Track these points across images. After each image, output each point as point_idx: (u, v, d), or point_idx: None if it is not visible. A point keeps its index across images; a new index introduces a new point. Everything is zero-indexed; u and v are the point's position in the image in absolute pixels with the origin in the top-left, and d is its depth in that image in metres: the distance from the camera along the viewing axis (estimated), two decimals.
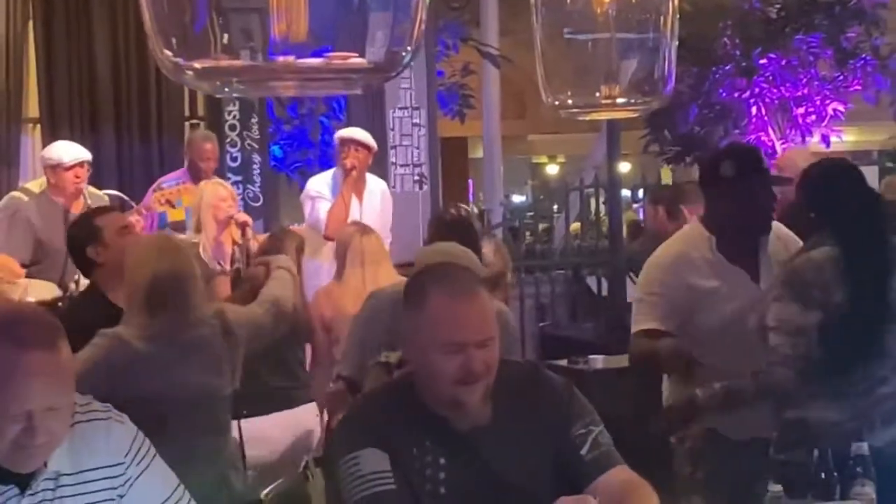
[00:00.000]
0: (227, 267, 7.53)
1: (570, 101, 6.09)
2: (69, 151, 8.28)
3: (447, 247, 5.00)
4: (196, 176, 8.77)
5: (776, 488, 3.65)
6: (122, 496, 3.10)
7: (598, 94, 5.96)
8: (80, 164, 8.23)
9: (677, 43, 5.94)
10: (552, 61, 5.92)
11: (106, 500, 3.08)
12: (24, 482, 2.98)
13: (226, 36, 3.23)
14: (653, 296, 4.93)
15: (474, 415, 3.26)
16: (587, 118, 6.70)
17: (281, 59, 3.19)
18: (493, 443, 3.27)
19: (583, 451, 3.31)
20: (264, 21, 3.21)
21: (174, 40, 3.31)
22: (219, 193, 7.84)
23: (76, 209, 8.03)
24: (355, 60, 3.25)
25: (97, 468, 3.08)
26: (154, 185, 9.14)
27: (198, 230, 7.76)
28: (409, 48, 3.33)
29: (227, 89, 3.52)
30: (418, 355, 3.26)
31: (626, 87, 6.00)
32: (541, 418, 3.34)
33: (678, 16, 5.89)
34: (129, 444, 3.15)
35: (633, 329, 4.94)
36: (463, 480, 3.25)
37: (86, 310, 5.32)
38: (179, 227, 8.37)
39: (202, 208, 7.80)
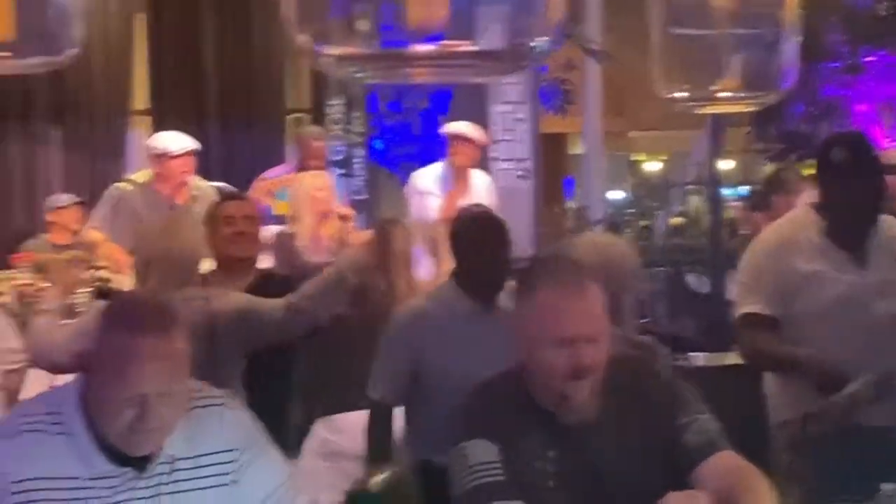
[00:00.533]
0: (323, 259, 7.53)
1: (684, 95, 6.06)
2: (176, 141, 8.33)
3: (602, 238, 4.98)
4: (301, 171, 8.81)
5: (889, 487, 3.60)
6: (235, 481, 3.14)
7: (712, 88, 5.92)
8: (188, 154, 8.29)
9: (799, 39, 5.88)
10: (667, 54, 5.88)
11: (220, 486, 3.13)
12: (140, 465, 3.03)
13: (363, 22, 3.25)
14: (756, 278, 4.89)
15: (583, 409, 3.25)
16: (701, 112, 6.66)
17: (416, 46, 3.21)
18: (602, 437, 3.27)
19: (687, 438, 3.28)
20: (399, 9, 3.22)
21: (314, 27, 3.34)
22: (316, 184, 7.86)
23: (181, 200, 8.10)
24: (489, 49, 3.26)
25: (212, 453, 3.13)
26: (260, 177, 9.22)
27: (295, 221, 7.80)
28: (540, 39, 3.33)
29: (362, 75, 3.56)
30: (527, 349, 3.25)
31: (741, 81, 5.96)
32: (649, 412, 3.32)
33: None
34: (244, 430, 3.20)
35: (738, 312, 4.90)
36: (571, 474, 3.24)
37: None
38: (284, 220, 8.44)
39: (299, 199, 7.83)
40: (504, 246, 4.83)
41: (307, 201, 7.71)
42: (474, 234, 4.86)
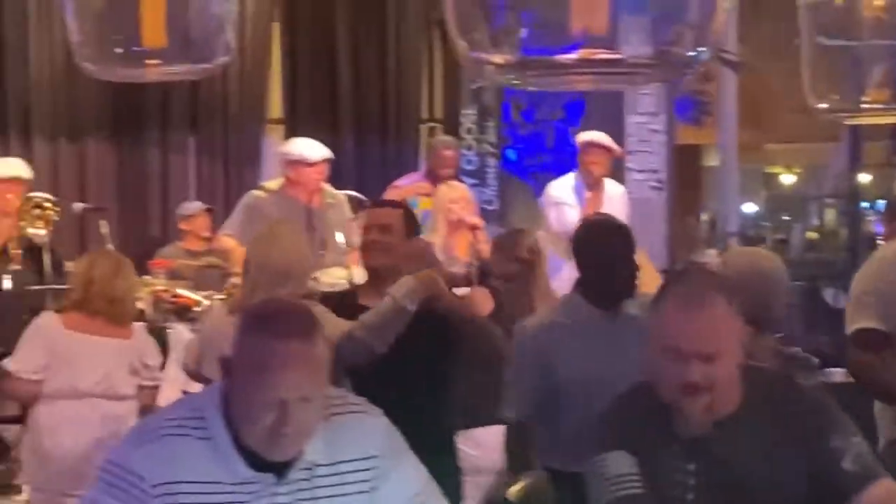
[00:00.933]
0: (457, 269, 7.53)
1: (835, 106, 5.97)
2: (313, 148, 8.36)
3: (753, 250, 4.91)
4: (434, 182, 8.82)
5: None
6: (375, 488, 3.13)
7: (860, 99, 5.82)
8: (323, 162, 8.31)
9: None
10: (815, 65, 5.80)
11: (360, 492, 3.11)
12: (280, 471, 3.03)
13: (524, 30, 3.26)
14: (870, 294, 4.78)
15: (689, 426, 3.20)
16: (850, 122, 6.57)
17: (578, 53, 3.20)
18: (742, 450, 3.22)
19: (844, 464, 3.21)
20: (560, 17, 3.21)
21: (472, 34, 3.35)
22: (450, 196, 7.89)
23: (315, 206, 8.12)
24: (651, 56, 3.25)
25: (352, 460, 3.11)
26: (391, 187, 9.24)
27: (431, 231, 7.82)
28: (698, 48, 3.31)
29: (522, 83, 3.56)
30: (651, 357, 3.23)
31: (889, 92, 5.85)
32: (794, 428, 3.25)
33: None
34: (384, 437, 3.18)
35: (849, 328, 4.80)
36: (711, 488, 3.20)
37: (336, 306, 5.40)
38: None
39: (436, 210, 7.85)
40: (628, 253, 4.75)
41: (441, 212, 7.74)
42: (597, 242, 4.77)
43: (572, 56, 3.26)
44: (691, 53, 3.39)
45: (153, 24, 5.98)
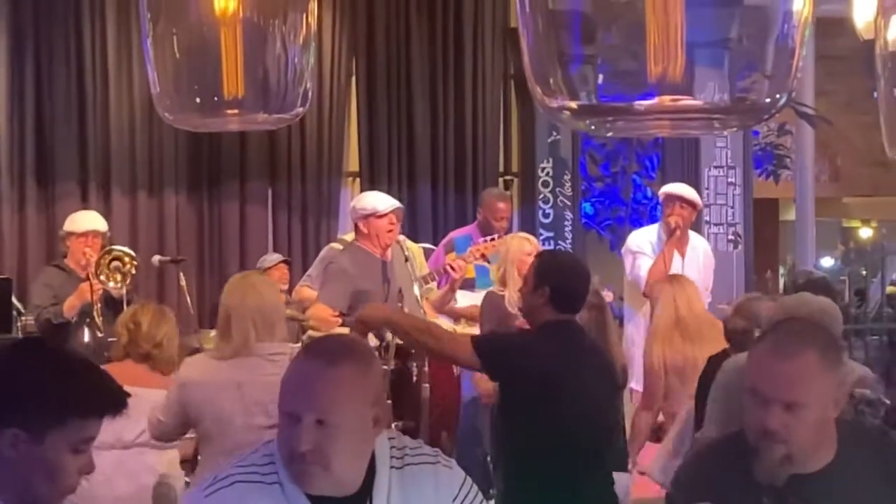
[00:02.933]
0: None
1: None
2: (382, 200, 8.33)
3: (814, 299, 4.88)
4: (485, 232, 8.81)
5: None
6: None
7: None
8: (394, 212, 8.29)
9: None
10: (893, 117, 5.77)
11: None
12: None
13: (600, 77, 3.27)
14: None
15: (765, 473, 3.15)
16: None
17: (657, 99, 3.21)
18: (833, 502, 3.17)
19: None
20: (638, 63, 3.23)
21: (550, 81, 3.37)
22: (524, 248, 7.85)
23: (387, 257, 8.11)
24: (727, 103, 3.25)
25: None
26: (445, 240, 9.23)
27: (503, 283, 7.80)
28: (776, 95, 3.31)
29: (599, 129, 3.57)
30: (742, 399, 3.20)
31: None
32: (890, 482, 3.20)
33: None
34: (458, 488, 3.17)
35: None
36: None
37: None
38: (469, 284, 8.45)
39: (507, 262, 7.83)
40: None
41: (513, 264, 7.73)
42: None
43: (648, 102, 3.27)
44: (768, 100, 3.39)
45: (231, 73, 6.03)
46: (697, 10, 3.34)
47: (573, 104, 3.35)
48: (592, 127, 3.61)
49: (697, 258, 8.67)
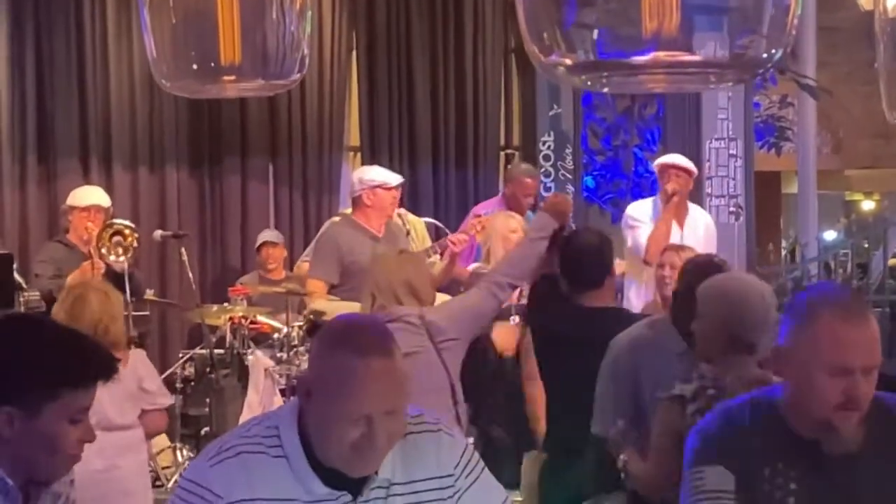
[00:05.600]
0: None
1: None
2: (390, 173, 8.30)
3: (745, 277, 4.86)
4: (512, 208, 8.81)
5: None
6: None
7: None
8: (398, 188, 8.28)
9: None
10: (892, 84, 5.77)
11: None
12: (356, 489, 3.03)
13: (594, 32, 3.27)
14: None
15: (843, 441, 3.15)
16: None
17: (651, 54, 3.21)
18: (858, 473, 3.16)
19: None
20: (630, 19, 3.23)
21: (545, 36, 3.38)
22: (509, 225, 7.86)
23: (381, 233, 8.08)
24: (723, 57, 3.25)
25: (427, 479, 3.11)
26: (471, 213, 9.25)
27: (487, 260, 7.81)
28: (771, 51, 3.31)
29: (596, 84, 3.58)
30: (798, 375, 3.15)
31: None
32: None
33: None
34: (459, 456, 3.17)
35: None
36: None
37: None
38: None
39: (492, 238, 7.84)
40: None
41: (498, 241, 7.73)
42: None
43: (644, 57, 3.27)
44: (764, 55, 3.39)
45: (228, 40, 6.03)
46: None
47: (568, 60, 3.35)
48: (588, 83, 3.62)
49: (697, 230, 8.65)
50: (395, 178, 8.17)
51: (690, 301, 4.39)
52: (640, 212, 8.72)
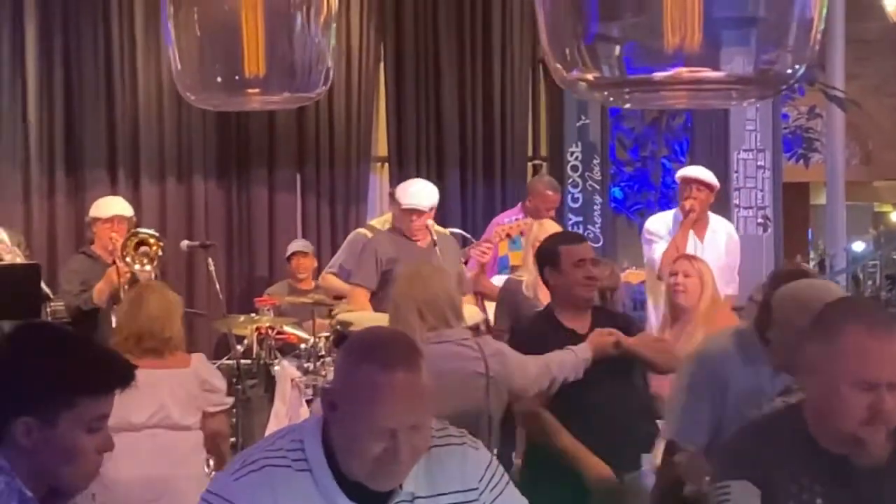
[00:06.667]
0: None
1: None
2: (424, 197, 8.21)
3: (822, 283, 4.80)
4: (534, 219, 8.80)
5: None
6: None
7: None
8: (432, 209, 8.27)
9: None
10: None
11: None
12: (380, 502, 3.02)
13: (616, 48, 3.27)
14: None
15: (870, 455, 3.13)
16: None
17: (674, 70, 3.21)
18: (886, 487, 3.13)
19: None
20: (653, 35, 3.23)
21: (567, 52, 3.37)
22: (540, 235, 7.85)
23: (422, 244, 8.10)
24: (740, 75, 3.24)
25: (451, 492, 3.10)
26: (493, 222, 9.25)
27: (522, 269, 7.80)
28: (795, 66, 3.30)
29: (618, 100, 3.57)
30: (824, 389, 3.12)
31: None
32: None
33: None
34: (484, 469, 3.17)
35: None
36: None
37: (539, 326, 5.85)
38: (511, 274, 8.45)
39: (527, 247, 7.83)
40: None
41: (530, 250, 7.72)
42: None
43: (666, 73, 3.26)
44: (787, 71, 3.38)
45: (253, 52, 6.04)
46: None
47: (590, 76, 3.35)
48: (611, 98, 3.61)
49: (718, 242, 8.59)
50: (426, 203, 8.13)
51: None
52: (658, 225, 8.69)
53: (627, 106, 4.59)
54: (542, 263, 5.91)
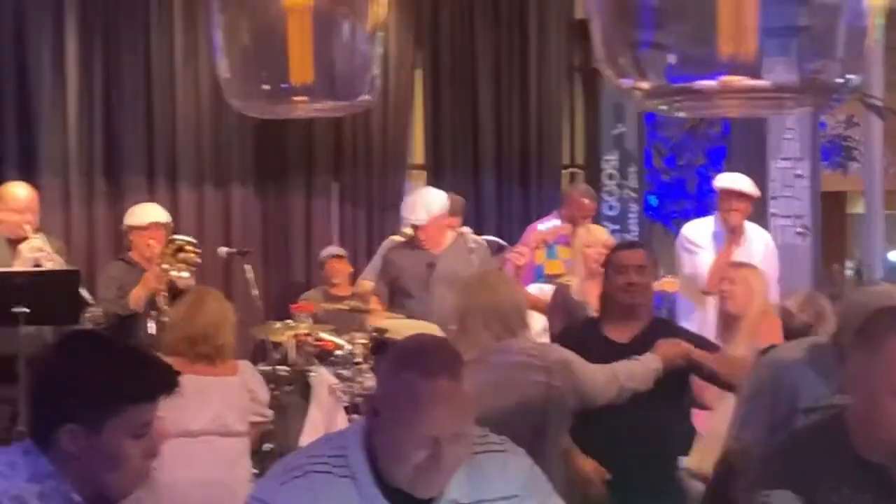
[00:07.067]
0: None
1: None
2: (435, 205, 8.33)
3: (885, 289, 4.79)
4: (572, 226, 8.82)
5: None
6: None
7: None
8: (443, 216, 8.41)
9: None
10: None
11: None
12: None
13: (669, 56, 3.27)
14: None
15: None
16: None
17: (725, 78, 3.21)
18: None
19: None
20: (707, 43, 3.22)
21: (620, 60, 3.38)
22: (587, 240, 7.86)
23: (437, 252, 8.21)
24: (797, 83, 3.23)
25: (493, 499, 3.11)
26: (529, 228, 9.26)
27: (571, 274, 7.81)
28: (846, 76, 3.29)
29: (670, 109, 3.57)
30: (866, 399, 3.13)
31: None
32: None
33: None
34: (525, 476, 3.18)
35: None
36: None
37: (579, 333, 5.93)
38: (555, 280, 8.46)
39: (574, 252, 7.85)
40: None
41: (578, 255, 7.73)
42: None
43: (717, 82, 3.26)
44: (839, 80, 3.37)
45: (300, 60, 6.05)
46: None
47: (643, 84, 3.35)
48: (663, 107, 3.61)
49: (754, 251, 8.57)
50: (424, 214, 8.24)
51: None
52: (698, 235, 8.66)
53: (679, 115, 4.59)
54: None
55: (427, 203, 8.25)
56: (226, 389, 5.94)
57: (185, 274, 8.30)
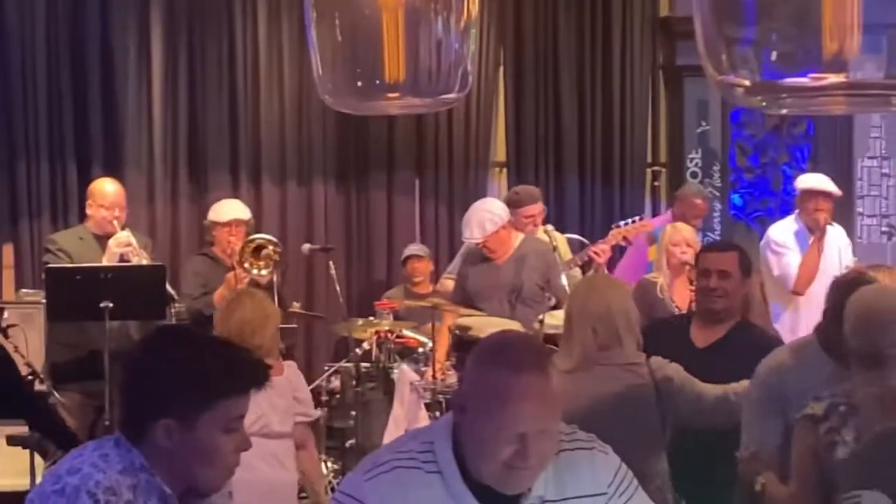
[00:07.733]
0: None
1: None
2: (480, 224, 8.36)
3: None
4: None
5: None
6: None
7: None
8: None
9: None
10: None
11: None
12: None
13: (773, 53, 3.24)
14: None
15: None
16: None
17: (832, 76, 3.17)
18: None
19: None
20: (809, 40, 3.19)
21: (723, 57, 3.36)
22: (673, 238, 7.82)
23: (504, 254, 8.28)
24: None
25: (580, 496, 3.10)
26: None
27: (657, 270, 7.79)
28: None
29: (772, 106, 3.54)
30: None
31: None
32: None
33: None
34: (613, 475, 3.16)
35: None
36: None
37: (665, 330, 5.86)
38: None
39: (660, 250, 7.82)
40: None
41: (663, 253, 7.71)
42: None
43: (824, 79, 3.23)
44: None
45: (393, 57, 6.05)
46: None
47: (746, 80, 3.33)
48: (765, 104, 3.58)
49: (835, 250, 8.52)
50: (477, 231, 8.26)
51: (839, 320, 4.31)
52: (784, 236, 8.61)
53: (783, 112, 4.53)
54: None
55: (479, 220, 8.22)
56: (272, 391, 5.93)
57: (265, 272, 8.34)
